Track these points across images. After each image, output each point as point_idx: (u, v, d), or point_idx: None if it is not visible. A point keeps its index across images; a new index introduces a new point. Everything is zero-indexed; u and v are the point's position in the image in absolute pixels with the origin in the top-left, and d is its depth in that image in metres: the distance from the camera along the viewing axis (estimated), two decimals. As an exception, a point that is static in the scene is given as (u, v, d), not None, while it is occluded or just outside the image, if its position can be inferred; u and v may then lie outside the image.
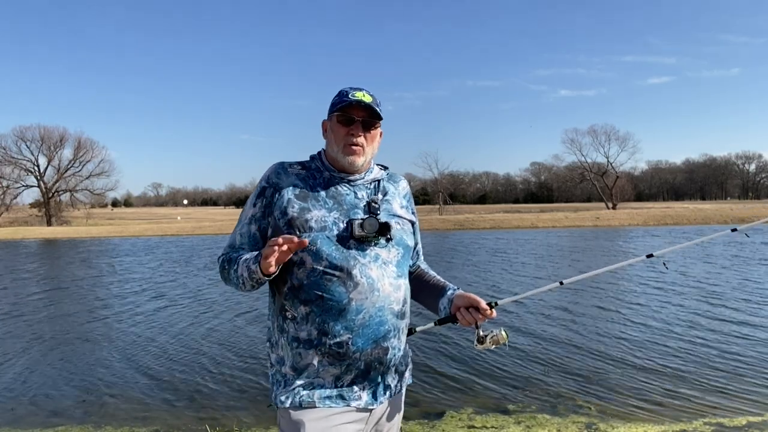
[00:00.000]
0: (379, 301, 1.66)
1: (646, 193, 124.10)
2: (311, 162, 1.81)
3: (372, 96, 1.74)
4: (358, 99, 1.69)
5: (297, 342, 1.67)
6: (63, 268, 18.60)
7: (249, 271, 1.63)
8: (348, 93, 1.72)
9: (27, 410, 5.28)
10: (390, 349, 1.71)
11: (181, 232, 38.50)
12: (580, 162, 68.28)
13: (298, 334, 1.67)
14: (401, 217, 1.79)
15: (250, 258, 1.64)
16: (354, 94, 1.71)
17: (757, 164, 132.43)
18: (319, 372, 1.66)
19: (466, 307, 1.78)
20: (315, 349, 1.65)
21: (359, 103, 1.69)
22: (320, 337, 1.64)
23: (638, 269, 13.45)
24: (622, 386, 5.40)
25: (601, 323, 8.11)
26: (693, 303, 9.43)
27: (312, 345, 1.65)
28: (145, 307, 10.44)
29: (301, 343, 1.66)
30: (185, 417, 5.02)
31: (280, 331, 1.72)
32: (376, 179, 1.81)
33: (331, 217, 1.67)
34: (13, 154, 55.64)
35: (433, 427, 4.58)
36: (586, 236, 27.89)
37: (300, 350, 1.67)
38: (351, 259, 1.64)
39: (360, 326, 1.64)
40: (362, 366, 1.68)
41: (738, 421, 4.47)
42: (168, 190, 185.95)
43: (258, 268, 1.59)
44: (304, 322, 1.66)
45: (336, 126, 1.73)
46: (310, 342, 1.65)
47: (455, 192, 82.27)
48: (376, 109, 1.71)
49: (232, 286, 1.75)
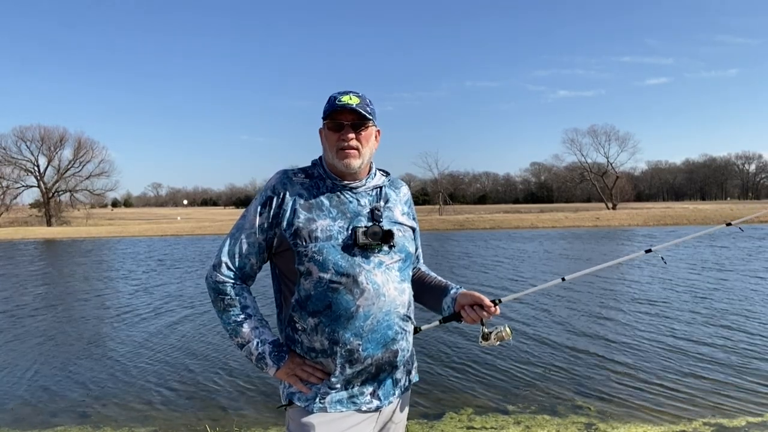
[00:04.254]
0: (386, 305, 1.68)
1: (646, 194, 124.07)
2: (313, 169, 1.81)
3: (360, 97, 1.74)
4: (344, 103, 1.70)
5: (314, 352, 1.70)
6: (62, 268, 18.60)
7: (259, 360, 1.71)
8: (335, 99, 1.72)
9: (27, 410, 5.28)
10: (399, 352, 1.75)
11: (181, 233, 38.50)
12: (580, 162, 68.41)
13: (312, 344, 1.69)
14: (402, 224, 1.81)
15: (268, 349, 1.70)
16: (340, 99, 1.71)
17: (757, 164, 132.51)
18: (330, 378, 1.69)
19: (471, 305, 1.81)
20: (330, 358, 1.68)
21: (345, 107, 1.70)
22: (332, 346, 1.67)
23: (639, 269, 13.46)
24: (622, 386, 5.40)
25: (601, 323, 8.11)
26: (693, 303, 9.43)
27: (327, 354, 1.68)
28: (144, 307, 10.45)
29: (318, 353, 1.69)
30: (185, 417, 5.02)
31: (291, 341, 1.74)
32: (377, 186, 1.82)
33: (336, 226, 1.68)
34: (13, 154, 55.83)
35: (432, 427, 4.58)
36: (586, 236, 27.91)
37: (318, 360, 1.70)
38: (356, 266, 1.66)
39: (369, 332, 1.67)
40: (373, 370, 1.71)
41: (738, 421, 4.47)
42: (168, 190, 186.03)
43: (271, 371, 1.70)
44: (315, 333, 1.68)
45: (328, 133, 1.75)
46: (325, 351, 1.68)
47: (455, 192, 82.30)
48: (364, 111, 1.72)
49: (221, 323, 1.76)
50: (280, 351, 1.71)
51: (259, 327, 1.72)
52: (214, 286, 1.73)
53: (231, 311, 1.71)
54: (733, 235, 22.12)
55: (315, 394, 1.68)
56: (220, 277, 1.72)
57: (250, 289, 1.79)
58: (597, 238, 26.90)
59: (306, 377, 1.69)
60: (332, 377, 1.68)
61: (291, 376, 1.70)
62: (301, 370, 1.69)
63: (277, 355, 1.70)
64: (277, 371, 1.70)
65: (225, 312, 1.72)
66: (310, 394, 1.68)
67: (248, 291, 1.77)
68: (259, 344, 1.70)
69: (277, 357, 1.70)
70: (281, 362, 1.70)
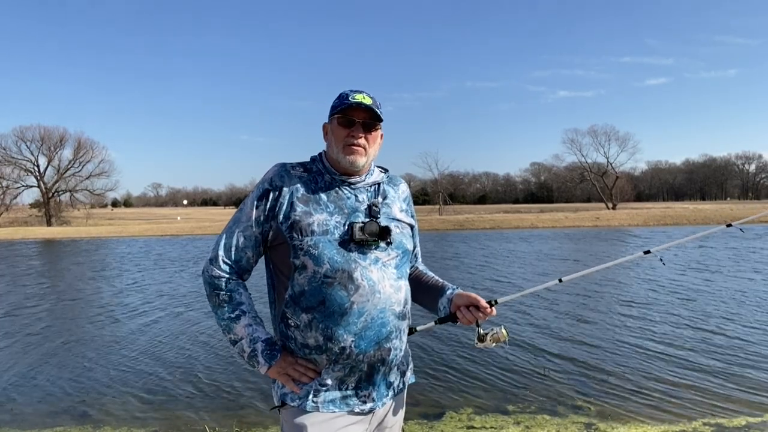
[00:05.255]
0: (381, 303, 1.67)
1: (646, 194, 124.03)
2: (312, 164, 1.80)
3: (372, 98, 1.74)
4: (358, 101, 1.70)
5: (307, 349, 1.69)
6: (62, 268, 18.59)
7: (251, 357, 1.70)
8: (348, 95, 1.72)
9: (27, 410, 5.28)
10: (392, 350, 1.73)
11: (180, 233, 38.48)
12: (580, 162, 68.35)
13: (306, 341, 1.68)
14: (400, 221, 1.80)
15: (260, 347, 1.70)
16: (354, 96, 1.71)
17: (757, 164, 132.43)
18: (323, 376, 1.68)
19: (467, 305, 1.79)
20: (324, 354, 1.67)
21: (359, 105, 1.70)
22: (326, 343, 1.66)
23: (638, 270, 13.46)
24: (622, 387, 5.40)
25: (600, 323, 8.11)
26: (693, 303, 9.43)
27: (321, 351, 1.67)
28: (143, 307, 10.44)
29: (312, 350, 1.68)
30: (184, 417, 5.02)
31: (284, 338, 1.73)
32: (376, 182, 1.81)
33: (332, 220, 1.67)
34: (13, 154, 55.74)
35: (432, 427, 4.58)
36: (585, 236, 27.89)
37: (311, 356, 1.69)
38: (352, 262, 1.65)
39: (362, 329, 1.65)
40: (365, 368, 1.70)
41: (737, 422, 4.47)
42: (168, 190, 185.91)
43: (262, 369, 1.69)
44: (308, 329, 1.67)
45: (336, 128, 1.74)
46: (319, 348, 1.67)
47: (455, 192, 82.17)
48: (377, 111, 1.72)
49: (215, 318, 1.76)
50: (272, 349, 1.70)
51: (253, 324, 1.71)
52: (209, 280, 1.72)
53: (225, 307, 1.70)
54: (735, 236, 22.10)
55: (307, 393, 1.67)
56: (216, 271, 1.71)
57: (245, 285, 1.78)
58: (597, 238, 26.88)
59: (297, 376, 1.68)
60: (324, 374, 1.67)
61: (282, 374, 1.69)
62: (292, 369, 1.68)
63: (269, 354, 1.69)
64: (269, 369, 1.69)
65: (219, 307, 1.71)
66: (302, 393, 1.68)
67: (244, 287, 1.76)
68: (252, 342, 1.69)
69: (269, 355, 1.69)
70: (273, 361, 1.69)
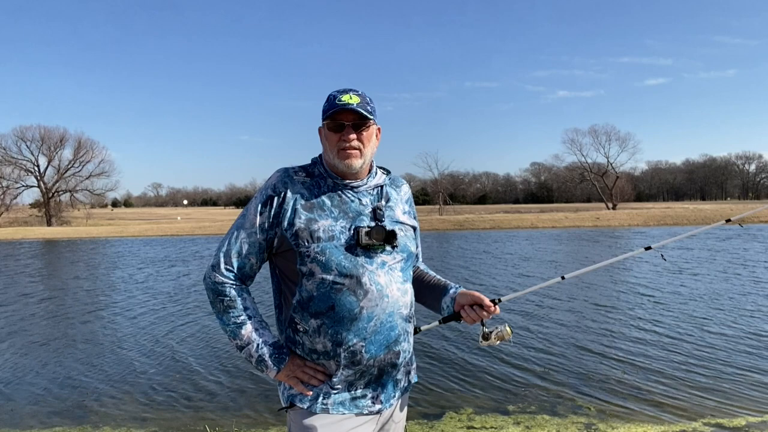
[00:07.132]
0: (389, 306, 1.67)
1: (646, 194, 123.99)
2: (314, 167, 1.78)
3: (360, 95, 1.70)
4: (344, 103, 1.66)
5: (316, 354, 1.68)
6: (62, 268, 18.59)
7: (259, 362, 1.69)
8: (335, 98, 1.68)
9: (27, 410, 5.28)
10: (401, 353, 1.74)
11: (180, 233, 38.48)
12: (580, 162, 68.37)
13: (314, 346, 1.67)
14: (404, 224, 1.79)
15: (268, 351, 1.68)
16: (341, 98, 1.67)
17: (757, 164, 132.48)
18: (333, 379, 1.67)
19: (470, 304, 1.80)
20: (332, 360, 1.66)
21: (345, 107, 1.66)
22: (335, 348, 1.65)
23: (639, 269, 13.46)
24: (622, 386, 5.40)
25: (601, 323, 8.11)
26: (693, 303, 9.42)
27: (329, 356, 1.66)
28: (144, 307, 10.44)
29: (320, 355, 1.68)
30: (184, 417, 5.02)
31: (292, 343, 1.72)
32: (378, 185, 1.79)
33: (338, 226, 1.66)
34: (13, 155, 55.82)
35: (432, 427, 4.58)
36: (586, 236, 27.89)
37: (320, 361, 1.68)
38: (359, 267, 1.64)
39: (372, 333, 1.65)
40: (375, 371, 1.70)
41: (737, 422, 4.47)
42: (168, 190, 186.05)
43: (271, 373, 1.69)
44: (317, 335, 1.66)
45: (328, 133, 1.71)
46: (327, 354, 1.66)
47: (455, 192, 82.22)
48: (365, 111, 1.67)
49: (220, 324, 1.73)
50: (280, 353, 1.69)
51: (259, 329, 1.70)
52: (212, 287, 1.70)
53: (230, 313, 1.68)
54: (739, 240, 22.08)
55: (317, 396, 1.67)
56: (219, 277, 1.69)
57: (249, 290, 1.76)
58: (597, 238, 26.88)
59: (307, 379, 1.67)
60: (334, 378, 1.67)
61: (291, 378, 1.68)
62: (302, 372, 1.68)
63: (277, 357, 1.68)
64: (278, 373, 1.68)
65: (224, 313, 1.69)
66: (312, 396, 1.67)
67: (247, 292, 1.74)
68: (259, 346, 1.68)
69: (278, 359, 1.68)
70: (282, 364, 1.68)
